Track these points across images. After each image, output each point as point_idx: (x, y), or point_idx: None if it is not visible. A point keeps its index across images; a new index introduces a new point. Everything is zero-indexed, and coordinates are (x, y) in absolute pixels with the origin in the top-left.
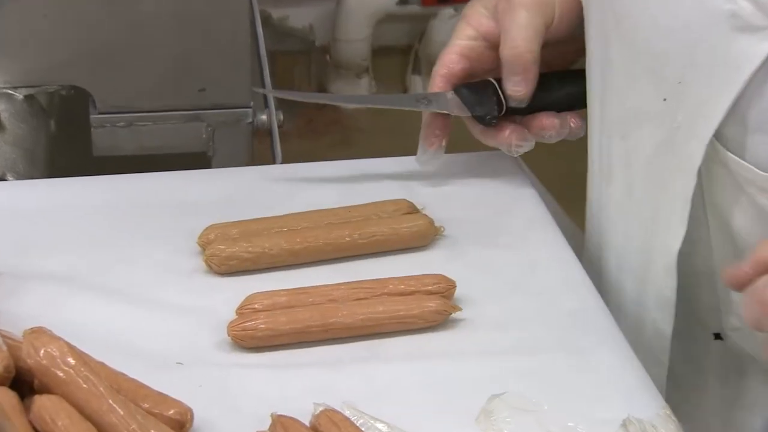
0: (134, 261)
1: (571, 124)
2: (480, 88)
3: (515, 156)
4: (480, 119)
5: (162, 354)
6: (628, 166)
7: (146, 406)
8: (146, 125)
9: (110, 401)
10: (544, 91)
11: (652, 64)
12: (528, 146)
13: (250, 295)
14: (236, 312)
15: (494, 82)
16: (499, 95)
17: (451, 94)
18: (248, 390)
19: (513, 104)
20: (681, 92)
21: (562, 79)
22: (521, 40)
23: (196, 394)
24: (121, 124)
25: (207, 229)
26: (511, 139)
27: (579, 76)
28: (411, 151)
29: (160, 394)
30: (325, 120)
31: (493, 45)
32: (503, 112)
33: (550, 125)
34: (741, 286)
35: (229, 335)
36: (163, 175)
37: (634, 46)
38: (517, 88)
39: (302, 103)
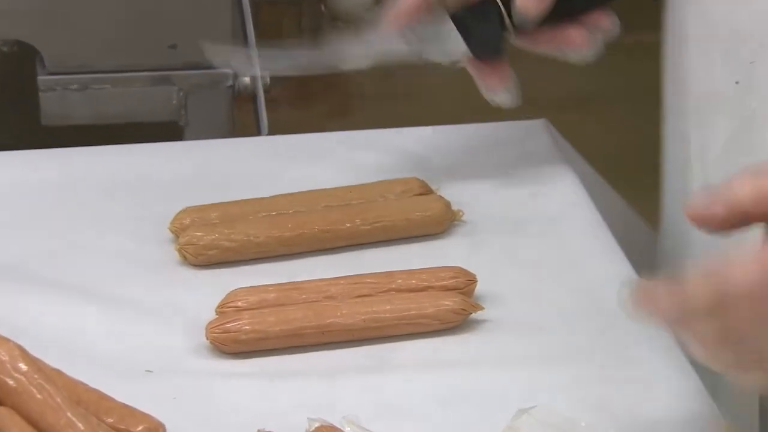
0: (94, 251)
1: (603, 26)
2: (479, 11)
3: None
4: (479, 53)
5: (128, 360)
6: (703, 157)
7: (110, 420)
8: (104, 89)
9: (69, 414)
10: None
11: (727, 41)
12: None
13: (232, 291)
14: (216, 311)
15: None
16: (501, 12)
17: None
18: (230, 403)
19: (522, 23)
20: (753, 74)
21: None
22: None
23: (168, 408)
24: (75, 87)
25: (180, 212)
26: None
27: None
28: (422, 119)
29: (126, 406)
30: (320, 83)
31: None
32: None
33: (578, 40)
34: (706, 226)
35: (207, 338)
36: (126, 149)
37: (710, 19)
38: (530, 2)
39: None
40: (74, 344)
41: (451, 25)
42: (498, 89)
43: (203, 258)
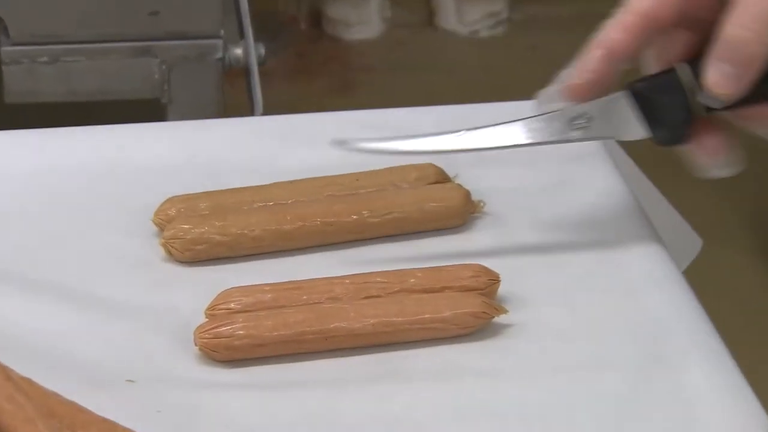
0: (67, 246)
1: None
2: (661, 85)
3: (713, 175)
4: (663, 141)
5: (108, 368)
6: None
7: None
8: (78, 61)
9: (41, 428)
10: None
11: None
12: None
13: (224, 291)
14: (206, 313)
15: (677, 71)
16: (683, 87)
17: (624, 97)
18: (222, 417)
19: (708, 101)
20: None
21: None
22: (755, 23)
23: (152, 422)
24: (44, 59)
25: (166, 202)
26: (719, 153)
27: None
28: (436, 96)
29: (105, 420)
30: (320, 55)
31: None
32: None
33: None
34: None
35: (196, 344)
36: (102, 131)
37: None
38: (725, 82)
39: (289, 32)
40: (46, 351)
41: (624, 102)
42: (711, 163)
43: (191, 253)
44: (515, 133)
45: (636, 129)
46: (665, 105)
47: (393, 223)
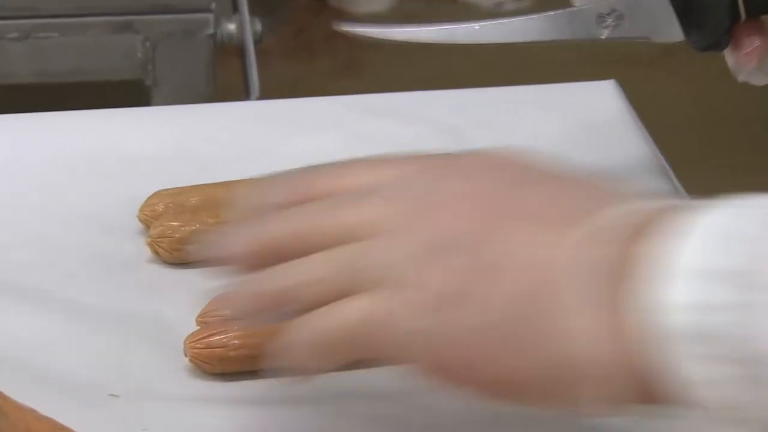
0: (42, 246)
1: None
2: None
3: (743, 79)
4: (700, 44)
5: (89, 382)
6: None
7: None
8: (51, 38)
9: None
10: None
11: None
12: None
13: (217, 296)
14: (197, 321)
15: None
16: None
17: None
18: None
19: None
20: None
21: None
22: None
23: None
24: (13, 35)
25: (152, 196)
26: (753, 56)
27: None
28: (452, 78)
29: None
30: (323, 31)
31: None
32: (740, 19)
33: None
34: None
35: (186, 355)
36: (80, 116)
37: None
38: None
39: (288, 5)
40: (21, 362)
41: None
42: (749, 66)
43: (180, 254)
44: (538, 28)
45: (671, 30)
46: (706, 4)
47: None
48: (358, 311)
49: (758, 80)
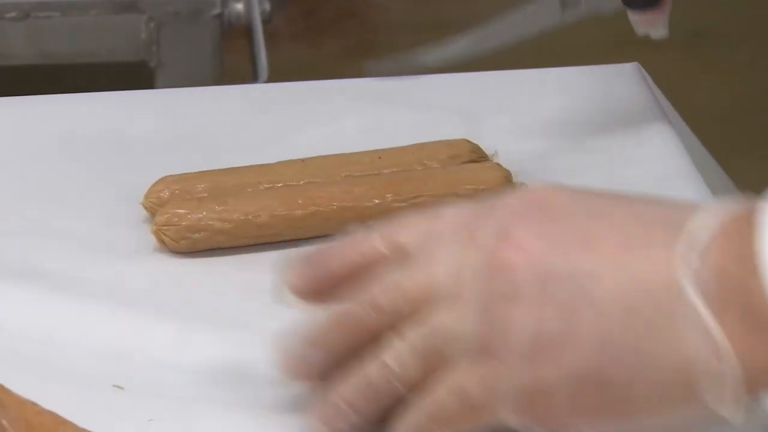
0: (44, 234)
1: None
2: None
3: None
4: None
5: (91, 373)
6: None
7: None
8: (51, 18)
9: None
10: None
11: None
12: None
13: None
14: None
15: None
16: None
17: None
18: (219, 425)
19: None
20: None
21: None
22: None
23: None
24: (11, 15)
25: (157, 183)
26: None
27: None
28: (471, 60)
29: None
30: (334, 12)
31: None
32: None
33: None
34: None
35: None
36: (81, 99)
37: None
38: None
39: None
40: (22, 354)
41: None
42: (656, 23)
43: (187, 243)
44: (510, 28)
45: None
46: None
47: (421, 209)
48: (451, 394)
49: (659, 33)
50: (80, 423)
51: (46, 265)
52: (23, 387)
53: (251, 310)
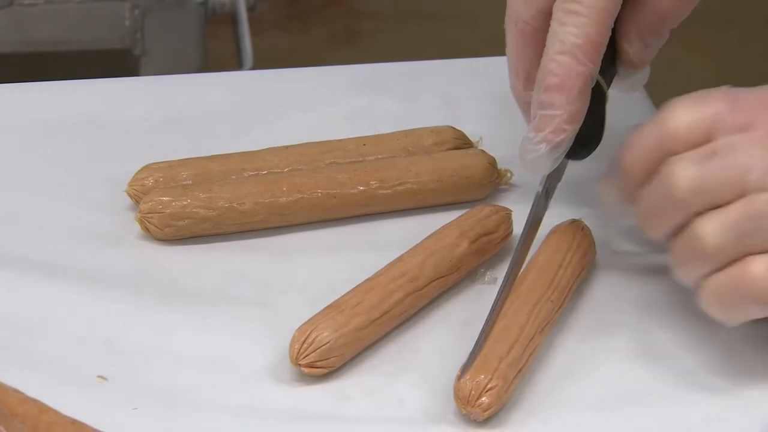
0: (27, 222)
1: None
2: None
3: None
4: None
5: (76, 363)
6: None
7: None
8: (35, 5)
9: (2, 429)
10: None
11: None
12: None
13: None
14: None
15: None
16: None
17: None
18: (205, 413)
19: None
20: None
21: None
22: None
23: (127, 421)
24: None
25: (142, 170)
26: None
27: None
28: (455, 49)
29: (73, 422)
30: (319, 0)
31: None
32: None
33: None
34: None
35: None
36: (65, 87)
37: None
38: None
39: None
40: (6, 342)
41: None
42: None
43: (171, 230)
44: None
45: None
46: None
47: (405, 196)
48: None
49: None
50: (65, 412)
51: (30, 253)
52: (6, 375)
53: (236, 297)
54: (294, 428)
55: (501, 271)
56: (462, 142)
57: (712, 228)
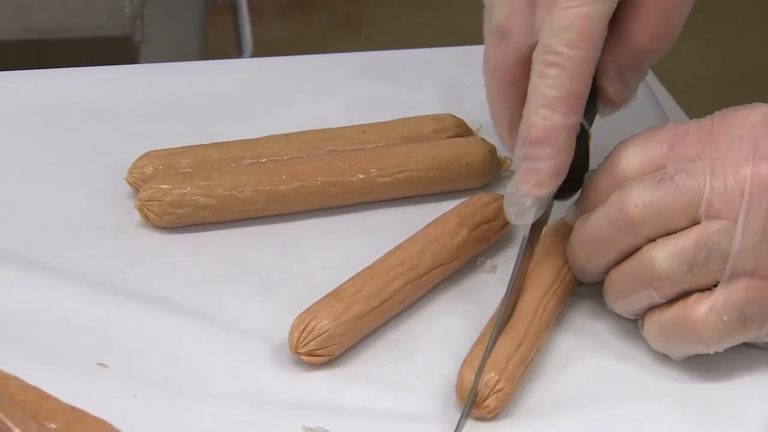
0: (26, 210)
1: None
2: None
3: None
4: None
5: (76, 351)
6: None
7: (54, 426)
8: None
9: (2, 416)
10: None
11: None
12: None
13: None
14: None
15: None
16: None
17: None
18: (205, 400)
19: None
20: None
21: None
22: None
23: (127, 408)
24: None
25: (141, 158)
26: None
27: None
28: (457, 35)
29: (73, 409)
30: None
31: None
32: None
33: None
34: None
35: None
36: (64, 74)
37: None
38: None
39: None
40: (6, 330)
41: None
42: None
43: (171, 218)
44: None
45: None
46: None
47: (405, 184)
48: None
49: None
50: (65, 399)
51: (30, 241)
52: (6, 363)
53: (235, 285)
54: (294, 416)
55: (500, 260)
56: (462, 130)
57: (664, 255)
